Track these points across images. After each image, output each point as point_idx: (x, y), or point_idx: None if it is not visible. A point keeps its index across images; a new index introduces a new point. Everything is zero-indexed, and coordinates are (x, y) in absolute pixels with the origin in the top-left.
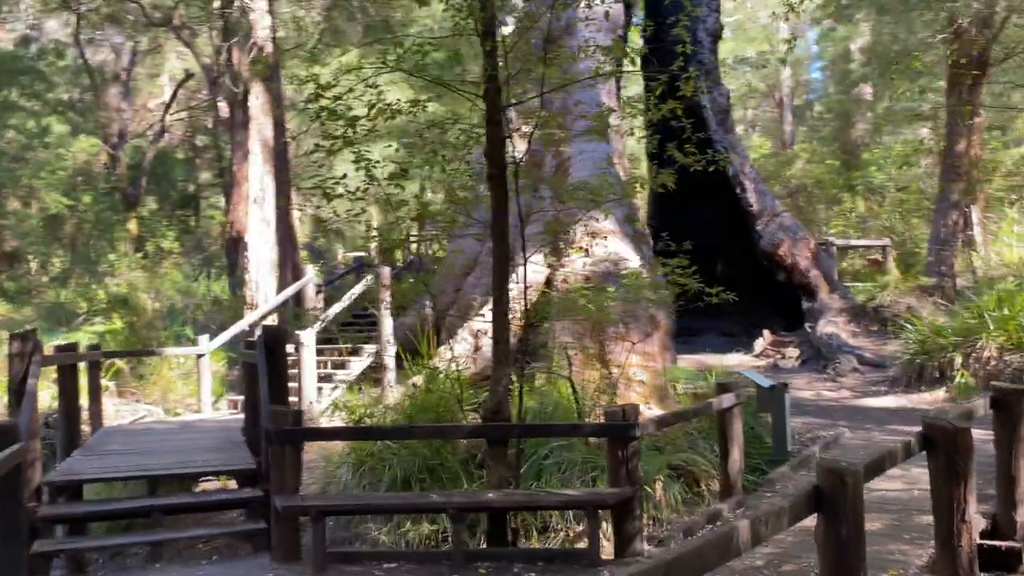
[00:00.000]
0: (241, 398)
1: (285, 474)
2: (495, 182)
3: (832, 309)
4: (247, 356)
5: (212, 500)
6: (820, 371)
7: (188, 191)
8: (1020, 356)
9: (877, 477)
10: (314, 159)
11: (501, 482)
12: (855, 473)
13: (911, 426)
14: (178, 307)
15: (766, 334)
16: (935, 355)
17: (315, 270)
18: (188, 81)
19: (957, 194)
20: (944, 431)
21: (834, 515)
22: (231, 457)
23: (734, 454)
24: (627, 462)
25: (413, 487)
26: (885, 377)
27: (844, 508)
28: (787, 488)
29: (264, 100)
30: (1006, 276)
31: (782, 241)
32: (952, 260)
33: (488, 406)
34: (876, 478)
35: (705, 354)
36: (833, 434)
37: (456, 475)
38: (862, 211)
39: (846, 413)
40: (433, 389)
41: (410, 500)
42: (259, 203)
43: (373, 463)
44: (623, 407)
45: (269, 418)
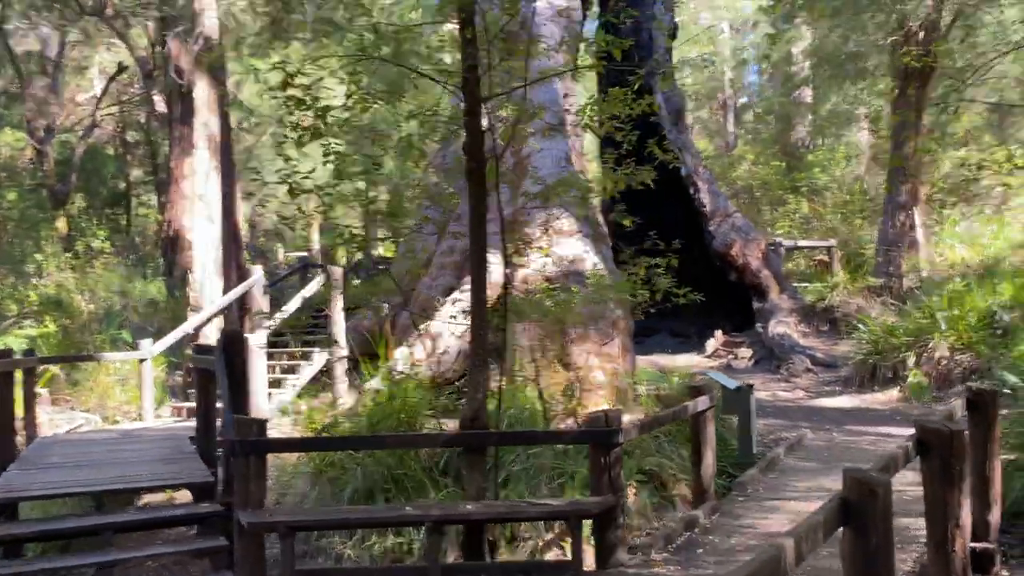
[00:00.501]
0: (185, 404)
1: (249, 487)
2: (474, 176)
3: (783, 309)
4: (199, 361)
5: (167, 516)
6: (773, 371)
7: (119, 188)
8: (970, 356)
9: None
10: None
11: (479, 492)
12: (885, 484)
13: (869, 426)
14: (115, 309)
15: (718, 334)
16: (888, 355)
17: (262, 270)
18: (121, 74)
19: (904, 195)
20: (939, 434)
21: (863, 527)
22: (184, 469)
23: (707, 458)
24: (610, 469)
25: (377, 498)
26: (838, 377)
27: (874, 520)
28: (759, 491)
29: (210, 93)
30: (952, 277)
31: (734, 241)
32: (900, 261)
33: (466, 413)
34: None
35: (657, 355)
36: (796, 435)
37: (422, 484)
38: (806, 212)
39: (804, 413)
40: (397, 395)
41: (385, 514)
42: (204, 200)
43: (334, 473)
44: (605, 412)
45: (231, 428)
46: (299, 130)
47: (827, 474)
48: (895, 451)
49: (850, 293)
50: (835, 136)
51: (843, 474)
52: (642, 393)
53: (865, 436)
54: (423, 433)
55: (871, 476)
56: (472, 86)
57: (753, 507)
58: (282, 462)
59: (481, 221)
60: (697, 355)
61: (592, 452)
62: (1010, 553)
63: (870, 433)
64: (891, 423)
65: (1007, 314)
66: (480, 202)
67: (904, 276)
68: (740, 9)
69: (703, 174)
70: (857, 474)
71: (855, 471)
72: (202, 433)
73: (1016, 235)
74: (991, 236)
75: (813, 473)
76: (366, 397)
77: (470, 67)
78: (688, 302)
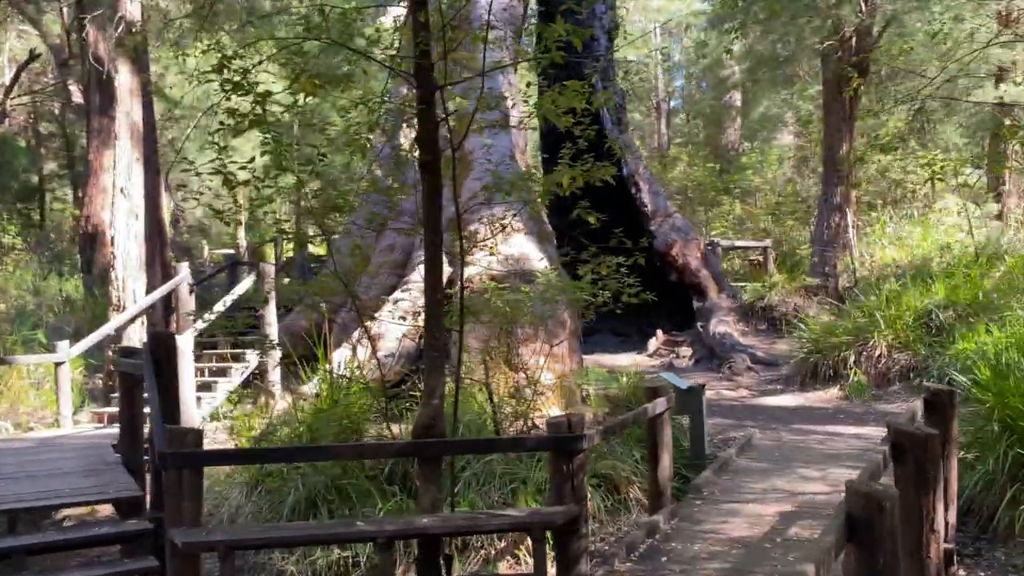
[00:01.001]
0: (107, 410)
1: (183, 503)
2: (428, 169)
3: (722, 309)
4: (123, 364)
5: (90, 536)
6: (715, 370)
7: (32, 182)
8: (908, 355)
9: (799, 479)
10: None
11: (434, 504)
12: (892, 498)
13: (815, 425)
14: (28, 308)
15: (659, 334)
16: (828, 354)
17: (188, 268)
18: (33, 62)
19: (839, 197)
20: (914, 437)
21: (869, 544)
22: (108, 482)
23: (664, 461)
24: (573, 477)
25: (320, 509)
26: (779, 375)
27: (881, 536)
28: (715, 494)
29: (132, 81)
30: (885, 277)
31: (675, 242)
32: (835, 261)
33: (420, 420)
34: (799, 481)
35: (599, 354)
36: (745, 435)
37: (367, 493)
38: (739, 213)
39: (749, 412)
40: (339, 399)
41: (335, 529)
42: (126, 194)
43: (273, 483)
44: (568, 417)
45: (162, 438)
46: (236, 116)
47: (780, 475)
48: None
49: (787, 292)
50: (765, 139)
51: (847, 487)
52: (591, 394)
53: (812, 435)
54: (375, 442)
55: (877, 489)
56: (426, 73)
57: (711, 511)
58: (214, 471)
59: (436, 216)
60: (639, 354)
61: (554, 459)
62: (963, 552)
63: (817, 432)
64: (836, 422)
65: (942, 313)
66: (435, 196)
67: (839, 276)
68: (673, 12)
69: (644, 174)
70: (862, 487)
71: (858, 484)
72: (127, 442)
73: (941, 237)
74: (919, 238)
75: (766, 474)
76: (303, 401)
77: (423, 53)
78: (641, 302)
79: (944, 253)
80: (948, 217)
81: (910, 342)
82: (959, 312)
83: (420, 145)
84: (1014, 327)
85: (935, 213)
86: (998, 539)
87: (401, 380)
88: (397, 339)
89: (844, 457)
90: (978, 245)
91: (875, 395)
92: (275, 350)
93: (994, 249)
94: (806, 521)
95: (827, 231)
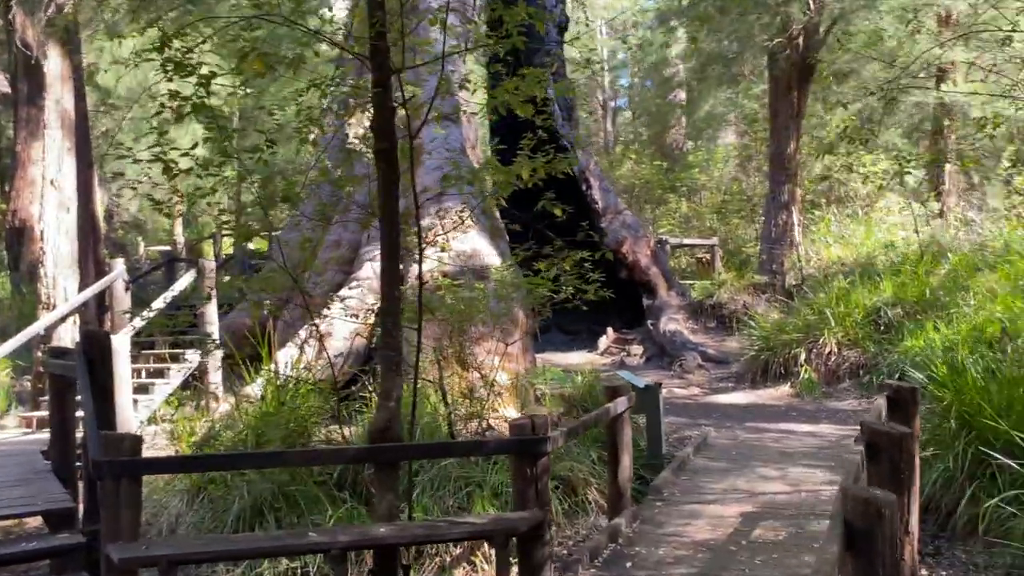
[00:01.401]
0: (36, 414)
1: (120, 516)
2: (384, 158)
3: (672, 306)
4: (54, 366)
5: (18, 552)
6: (666, 368)
7: None
8: (857, 352)
9: (758, 479)
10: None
11: (390, 512)
12: (891, 504)
13: (769, 422)
14: None
15: (609, 331)
16: (779, 351)
17: (123, 265)
18: None
19: (786, 195)
20: (889, 437)
21: (868, 554)
22: (37, 492)
23: (624, 462)
24: (536, 481)
25: (267, 517)
26: (730, 373)
27: (881, 544)
28: (675, 495)
29: (63, 67)
30: (835, 274)
31: (625, 239)
32: (783, 259)
33: (376, 423)
34: (758, 480)
35: (548, 352)
36: (700, 434)
37: (317, 500)
38: (685, 211)
39: (702, 410)
40: (286, 401)
41: (286, 541)
42: (57, 186)
43: (216, 490)
44: (531, 419)
45: (97, 445)
46: (178, 99)
47: (738, 474)
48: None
49: (736, 290)
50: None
51: (843, 492)
52: (546, 393)
53: (767, 433)
54: (329, 448)
55: (876, 495)
56: (382, 55)
57: (673, 512)
58: (153, 478)
59: (393, 207)
60: (589, 352)
61: (517, 463)
62: (924, 551)
63: (771, 430)
64: (789, 419)
65: (890, 310)
66: (392, 186)
67: (786, 274)
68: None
69: (595, 171)
70: (860, 492)
71: (856, 489)
72: (58, 448)
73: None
74: (863, 236)
75: (724, 473)
76: (247, 403)
77: (379, 34)
78: (599, 299)
79: (888, 251)
80: (890, 216)
81: (859, 339)
82: (907, 309)
83: (376, 132)
84: (960, 324)
85: (877, 212)
86: (957, 537)
87: (351, 380)
88: (346, 338)
89: (800, 456)
90: (923, 243)
91: (825, 392)
92: (216, 350)
93: (937, 247)
94: (769, 522)
95: (775, 229)
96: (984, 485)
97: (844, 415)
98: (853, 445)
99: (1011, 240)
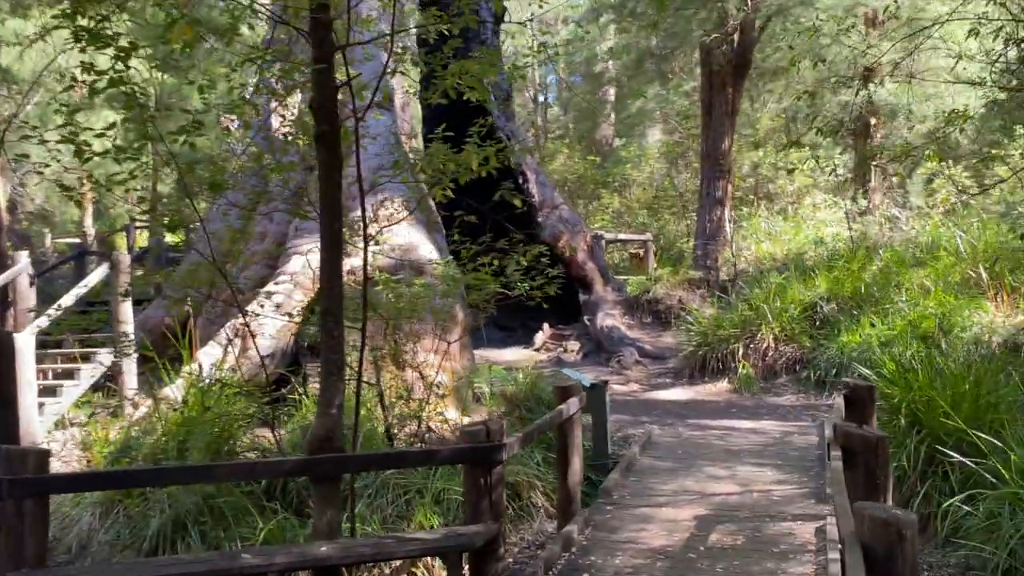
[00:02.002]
0: None
1: (24, 540)
2: (326, 141)
3: (608, 302)
4: None
5: None
6: (604, 364)
7: None
8: (794, 347)
9: (708, 479)
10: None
11: (331, 528)
12: (911, 524)
13: (710, 419)
14: None
15: (546, 327)
16: (716, 347)
17: (28, 258)
18: None
19: (720, 191)
20: (865, 440)
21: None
22: None
23: (575, 464)
24: (491, 492)
25: (191, 532)
26: (668, 369)
27: (903, 568)
28: (625, 498)
29: None
30: (769, 270)
31: (562, 233)
32: (717, 254)
33: (316, 432)
34: (707, 480)
35: (483, 349)
36: (644, 432)
37: (245, 512)
38: (617, 207)
39: (643, 407)
40: (210, 405)
41: (217, 563)
42: None
43: (133, 505)
44: (486, 424)
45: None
46: (92, 73)
47: (687, 474)
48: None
49: (672, 286)
50: (640, 134)
51: (858, 512)
52: (486, 393)
53: (710, 430)
54: (263, 461)
55: (896, 515)
56: (324, 30)
57: (625, 517)
58: None
59: (335, 194)
60: (525, 349)
61: (470, 472)
62: None
63: (714, 427)
64: (730, 416)
65: (825, 306)
66: (333, 172)
67: (720, 269)
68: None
69: (531, 164)
70: (879, 512)
71: (873, 508)
72: None
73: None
74: (792, 233)
75: (673, 473)
76: (167, 407)
77: (320, 6)
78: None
79: (817, 247)
80: (818, 212)
81: (796, 335)
82: (841, 304)
83: (316, 114)
84: (896, 319)
85: (804, 208)
86: None
87: (279, 381)
88: (273, 336)
89: (746, 454)
90: (856, 239)
91: (764, 388)
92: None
93: (867, 243)
94: (725, 526)
95: (709, 225)
96: (937, 484)
97: (784, 411)
98: (796, 442)
99: (937, 237)
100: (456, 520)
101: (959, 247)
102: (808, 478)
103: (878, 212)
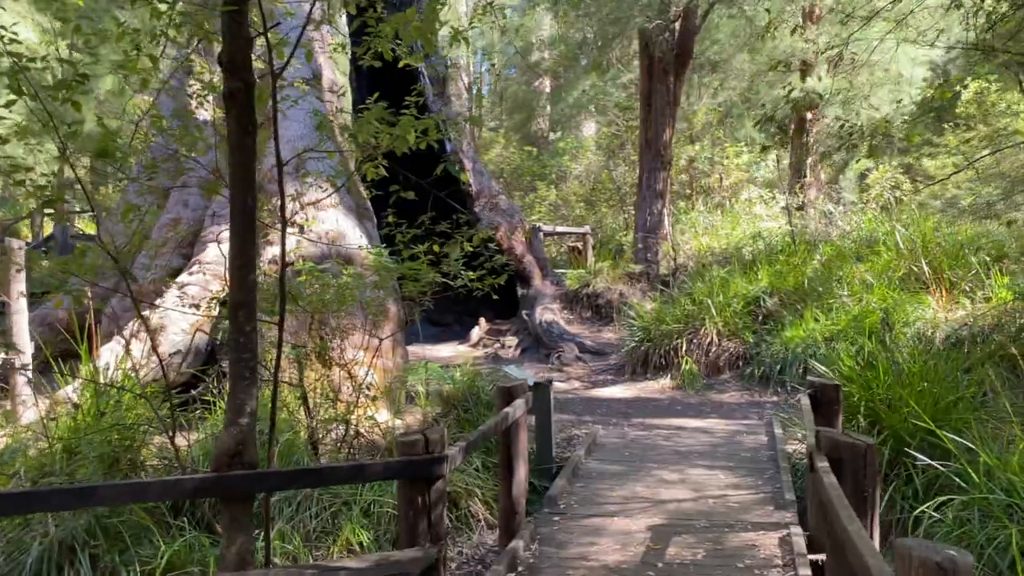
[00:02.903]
0: None
1: None
2: (237, 101)
3: (547, 296)
4: None
5: None
6: (543, 360)
7: None
8: (737, 342)
9: (658, 483)
10: None
11: (243, 555)
12: (967, 568)
13: (656, 418)
14: None
15: (482, 322)
16: (659, 342)
17: None
18: None
19: (661, 184)
20: (853, 449)
21: None
22: None
23: (520, 472)
24: (430, 511)
25: (80, 557)
26: (609, 365)
27: None
28: (573, 506)
29: None
30: (709, 263)
31: (500, 225)
32: (657, 248)
33: (225, 445)
34: (658, 485)
35: (417, 345)
36: (589, 433)
37: (147, 532)
38: (554, 199)
39: (585, 406)
40: (107, 410)
41: None
42: None
43: (10, 528)
44: (424, 434)
45: None
46: None
47: (636, 478)
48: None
49: (612, 280)
50: (576, 126)
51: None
52: (420, 392)
53: (656, 430)
54: (160, 480)
55: (948, 555)
56: None
57: (574, 529)
58: None
59: (248, 166)
60: (461, 345)
61: (406, 489)
62: None
63: (660, 426)
64: (675, 414)
65: (768, 300)
66: (246, 137)
67: (660, 263)
68: None
69: (468, 152)
70: (922, 552)
71: (920, 550)
72: None
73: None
74: (730, 227)
75: (621, 478)
76: (61, 411)
77: None
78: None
79: (755, 241)
80: (754, 207)
81: (739, 329)
82: (784, 299)
83: (226, 69)
84: (840, 314)
85: (740, 204)
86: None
87: (190, 381)
88: (185, 332)
89: (696, 455)
90: (796, 233)
91: (707, 384)
92: (23, 346)
93: (806, 237)
94: (683, 537)
95: (650, 218)
96: (900, 488)
97: (729, 408)
98: (746, 442)
99: (874, 232)
100: (387, 535)
101: (898, 242)
102: (763, 481)
103: (813, 208)
